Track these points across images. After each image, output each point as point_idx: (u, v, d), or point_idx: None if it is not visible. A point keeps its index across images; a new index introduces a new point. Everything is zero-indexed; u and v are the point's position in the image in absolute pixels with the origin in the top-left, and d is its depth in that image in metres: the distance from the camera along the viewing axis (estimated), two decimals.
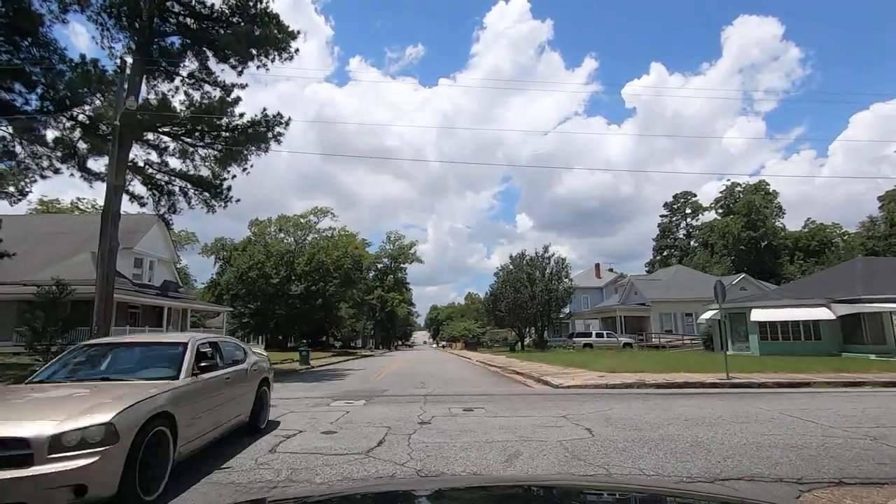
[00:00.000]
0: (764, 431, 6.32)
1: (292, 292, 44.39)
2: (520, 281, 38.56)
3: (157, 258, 31.32)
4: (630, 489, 2.06)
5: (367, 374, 18.01)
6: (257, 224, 50.00)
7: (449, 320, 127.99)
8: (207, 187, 20.79)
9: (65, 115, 18.31)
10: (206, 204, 21.33)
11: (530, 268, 39.11)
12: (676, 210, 78.34)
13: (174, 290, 33.29)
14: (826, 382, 12.59)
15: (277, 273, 44.86)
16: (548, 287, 37.31)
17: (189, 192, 21.23)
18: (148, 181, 20.57)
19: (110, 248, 16.69)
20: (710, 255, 61.85)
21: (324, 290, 45.67)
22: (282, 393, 11.47)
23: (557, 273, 38.58)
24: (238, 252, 49.83)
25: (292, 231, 49.75)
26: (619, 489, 1.99)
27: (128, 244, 28.94)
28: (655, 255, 78.32)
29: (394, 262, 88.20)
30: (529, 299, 37.36)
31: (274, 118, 18.63)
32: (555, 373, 15.42)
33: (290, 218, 49.79)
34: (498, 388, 12.28)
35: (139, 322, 28.76)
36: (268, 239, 49.12)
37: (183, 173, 20.79)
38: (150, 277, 30.65)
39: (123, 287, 27.55)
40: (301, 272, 45.78)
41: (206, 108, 17.97)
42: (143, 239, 29.59)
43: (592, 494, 1.69)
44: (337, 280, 46.82)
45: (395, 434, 6.25)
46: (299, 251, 48.30)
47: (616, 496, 1.69)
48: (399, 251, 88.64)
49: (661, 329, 37.18)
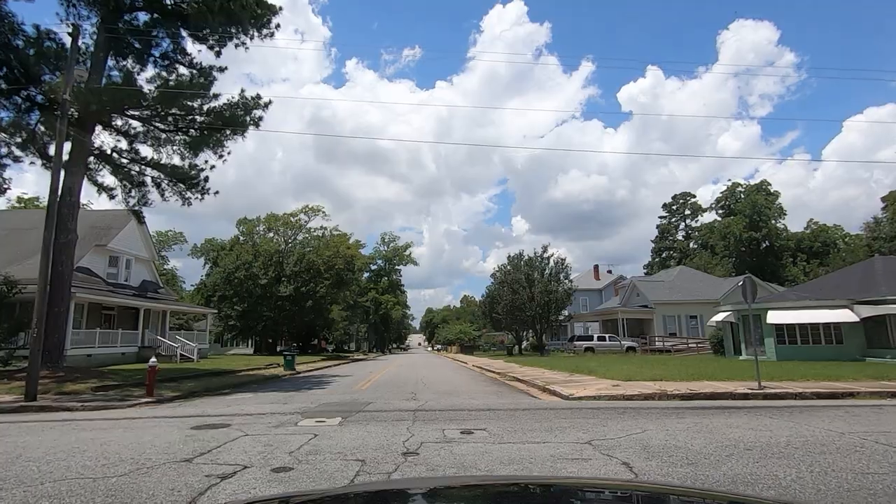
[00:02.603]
0: (860, 467, 4.75)
1: (281, 293, 42.63)
2: (518, 282, 37.00)
3: (134, 256, 29.52)
4: (630, 487, 2.04)
5: (354, 382, 16.36)
6: (245, 223, 48.25)
7: (444, 323, 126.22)
8: (182, 178, 19.11)
9: (19, 96, 16.64)
10: (181, 196, 19.66)
11: (529, 268, 37.56)
12: (675, 211, 77.13)
13: (154, 290, 31.51)
14: (871, 393, 11.08)
15: (266, 274, 43.11)
16: (547, 288, 35.77)
17: (162, 184, 19.56)
18: (117, 171, 18.87)
19: (66, 240, 14.97)
20: (711, 256, 60.54)
21: (314, 291, 43.94)
22: (248, 406, 9.82)
23: (557, 274, 37.05)
24: (225, 252, 48.02)
25: (282, 230, 48.01)
26: (621, 488, 1.90)
27: (101, 241, 27.17)
28: (654, 257, 77.03)
29: (388, 264, 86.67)
30: (528, 301, 35.81)
31: (252, 100, 17.00)
32: (562, 381, 13.83)
33: (279, 217, 48.07)
34: (500, 401, 10.68)
35: (114, 324, 26.97)
36: (256, 238, 47.37)
37: (155, 162, 19.11)
38: (126, 277, 28.85)
39: (95, 286, 25.78)
40: (290, 273, 44.04)
41: (177, 87, 16.31)
42: (119, 236, 27.80)
43: (591, 492, 1.60)
44: (328, 281, 45.11)
45: (370, 473, 4.64)
46: (289, 251, 46.56)
47: (617, 494, 1.57)
48: (394, 253, 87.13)
49: (665, 332, 35.69)
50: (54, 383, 13.05)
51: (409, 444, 5.86)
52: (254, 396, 11.97)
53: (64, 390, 12.39)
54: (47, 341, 14.49)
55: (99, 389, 12.82)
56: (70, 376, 13.93)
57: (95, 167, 19.56)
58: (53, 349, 14.47)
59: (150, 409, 9.78)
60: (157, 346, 27.83)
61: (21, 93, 16.45)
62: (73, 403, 10.53)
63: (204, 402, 11.10)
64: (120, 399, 11.33)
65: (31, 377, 10.78)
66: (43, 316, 11.01)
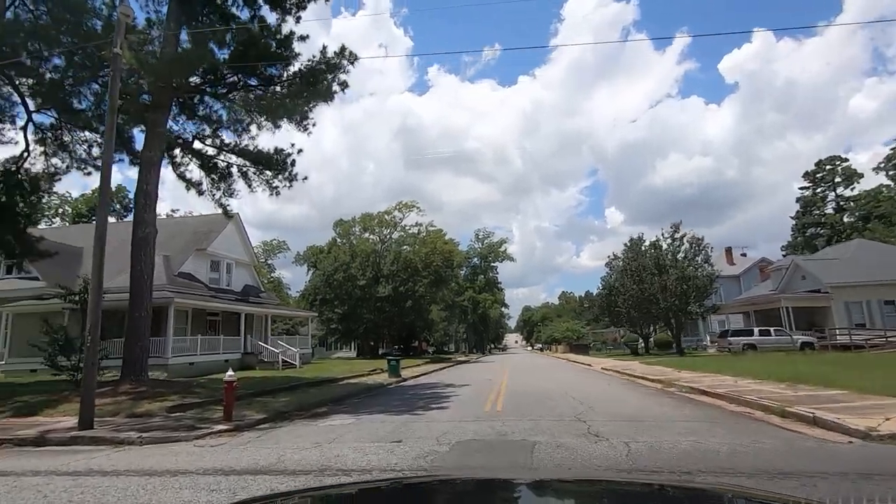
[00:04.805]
0: None
1: (380, 294, 40.75)
2: (644, 269, 31.32)
3: (234, 260, 28.78)
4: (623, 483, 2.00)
5: (477, 395, 12.75)
6: (341, 224, 47.36)
7: (544, 322, 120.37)
8: (268, 163, 16.95)
9: (97, 82, 15.34)
10: (268, 185, 17.56)
11: (657, 252, 31.69)
12: (821, 180, 64.66)
13: (255, 295, 30.73)
14: None
15: (364, 274, 41.52)
16: (684, 274, 29.73)
17: (248, 172, 17.59)
18: (200, 159, 17.18)
19: (143, 235, 13.07)
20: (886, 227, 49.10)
21: (413, 290, 41.56)
22: (345, 447, 6.50)
23: (694, 257, 30.80)
24: (323, 255, 47.50)
25: (377, 230, 46.39)
26: None
27: (201, 245, 26.55)
28: (796, 236, 65.25)
29: (484, 262, 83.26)
30: (660, 291, 30.05)
31: (335, 56, 14.12)
32: (806, 399, 8.99)
33: (374, 216, 46.51)
34: (743, 439, 6.38)
35: (218, 330, 26.17)
36: (352, 239, 46.21)
37: (239, 148, 17.14)
38: (228, 282, 28.13)
39: (197, 292, 25.07)
40: (388, 272, 42.09)
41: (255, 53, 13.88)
42: (218, 239, 27.06)
43: None
44: (426, 279, 42.54)
45: None
46: (385, 250, 44.77)
47: None
48: (489, 249, 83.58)
49: (850, 322, 27.99)
50: (130, 401, 10.98)
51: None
52: (355, 423, 8.75)
53: (137, 410, 10.18)
54: (127, 351, 12.66)
55: (175, 409, 10.48)
56: (152, 391, 11.90)
57: (181, 161, 18.18)
58: (136, 360, 12.59)
59: (210, 453, 6.83)
60: (260, 353, 26.64)
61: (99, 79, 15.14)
62: (131, 434, 8.02)
63: (289, 433, 8.07)
64: (191, 425, 8.71)
65: (84, 400, 8.50)
66: (97, 322, 8.70)
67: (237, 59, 13.81)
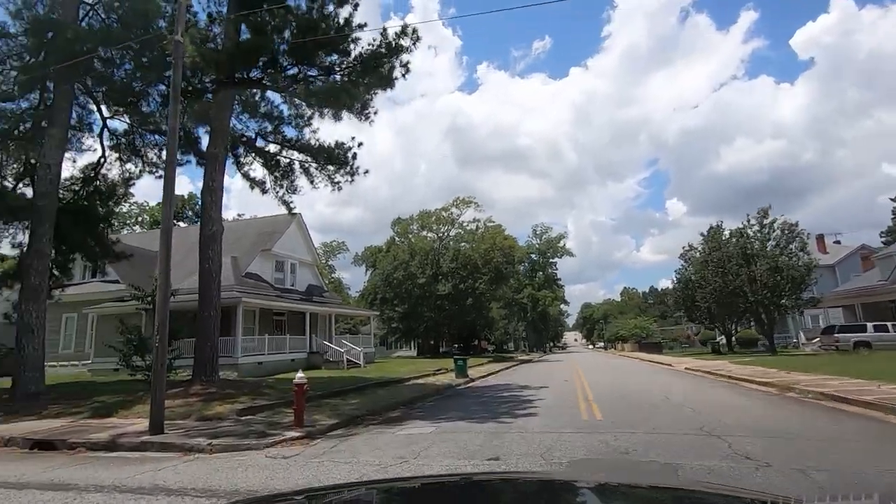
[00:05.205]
0: None
1: (440, 292, 40.04)
2: (730, 260, 28.48)
3: (298, 260, 28.95)
4: None
5: (562, 398, 11.47)
6: (399, 223, 47.15)
7: (607, 319, 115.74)
8: (329, 157, 16.49)
9: (163, 83, 15.40)
10: (330, 179, 17.11)
11: (743, 241, 28.73)
12: None
13: (319, 294, 30.84)
14: None
15: (423, 272, 40.97)
16: (776, 264, 26.71)
17: (310, 168, 17.22)
18: (263, 156, 16.99)
19: (211, 233, 12.82)
20: None
21: (473, 287, 40.53)
22: (433, 462, 5.50)
23: (787, 245, 27.62)
24: (382, 254, 47.53)
25: (434, 227, 45.74)
26: None
27: (266, 245, 26.83)
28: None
29: (542, 258, 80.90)
30: (748, 283, 27.18)
31: (396, 37, 13.27)
32: None
33: (431, 213, 45.92)
34: None
35: (284, 330, 26.33)
36: (411, 238, 45.85)
37: (300, 144, 16.82)
38: (292, 282, 28.32)
39: (264, 292, 25.31)
40: (447, 270, 41.32)
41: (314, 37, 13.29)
42: (282, 239, 27.28)
43: None
44: (486, 276, 41.38)
45: None
46: (443, 247, 44.03)
47: None
48: (547, 245, 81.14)
49: None
50: (201, 402, 10.64)
51: None
52: (436, 433, 7.78)
53: (207, 413, 9.77)
54: (198, 351, 12.44)
55: (245, 412, 9.99)
56: (221, 392, 11.57)
57: (245, 160, 18.12)
58: (206, 361, 12.35)
59: (282, 468, 6.06)
60: (325, 352, 26.55)
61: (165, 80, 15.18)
62: (200, 440, 7.47)
63: (366, 443, 7.22)
64: (261, 431, 8.09)
65: (154, 404, 8.08)
66: (165, 321, 8.27)
67: (296, 48, 13.29)
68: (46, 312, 13.32)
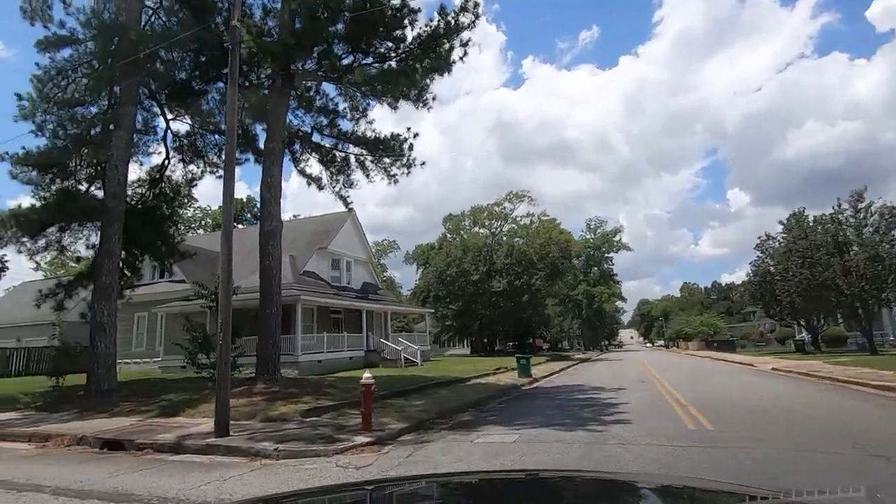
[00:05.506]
0: None
1: (494, 289, 39.03)
2: (819, 248, 25.74)
3: (353, 258, 28.87)
4: None
5: (650, 402, 10.28)
6: (451, 219, 46.53)
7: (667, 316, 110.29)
8: (385, 149, 15.97)
9: (221, 80, 15.38)
10: (386, 172, 16.63)
11: (835, 228, 25.90)
12: None
13: (374, 292, 30.69)
14: None
15: (477, 269, 40.11)
16: (876, 253, 23.84)
17: (366, 161, 16.80)
18: (319, 152, 16.72)
19: (271, 228, 12.55)
20: None
21: (529, 283, 39.24)
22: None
23: (888, 230, 24.61)
24: (434, 251, 47.07)
25: (487, 222, 44.77)
26: None
27: (322, 244, 26.87)
28: None
29: (597, 253, 77.98)
30: (841, 274, 24.43)
31: (455, 14, 12.46)
32: None
33: (483, 208, 44.96)
34: None
35: (341, 328, 26.27)
36: (463, 234, 45.10)
37: (356, 136, 16.41)
38: (348, 280, 28.24)
39: (321, 290, 25.34)
40: (501, 266, 40.23)
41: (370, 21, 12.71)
42: (337, 237, 27.22)
43: None
44: (543, 272, 39.96)
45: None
46: (496, 243, 42.96)
47: None
48: (602, 239, 78.16)
49: None
50: (265, 402, 10.30)
51: None
52: (521, 442, 6.90)
53: (272, 414, 9.37)
54: (260, 349, 12.18)
55: (310, 413, 9.52)
56: (284, 391, 11.22)
57: (301, 156, 17.94)
58: (269, 359, 12.08)
59: (354, 477, 5.39)
60: (382, 350, 26.26)
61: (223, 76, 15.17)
62: (267, 445, 6.98)
63: (444, 453, 6.46)
64: (329, 436, 7.52)
65: (220, 403, 7.70)
66: (228, 319, 7.89)
67: (351, 34, 12.81)
68: (118, 311, 13.57)
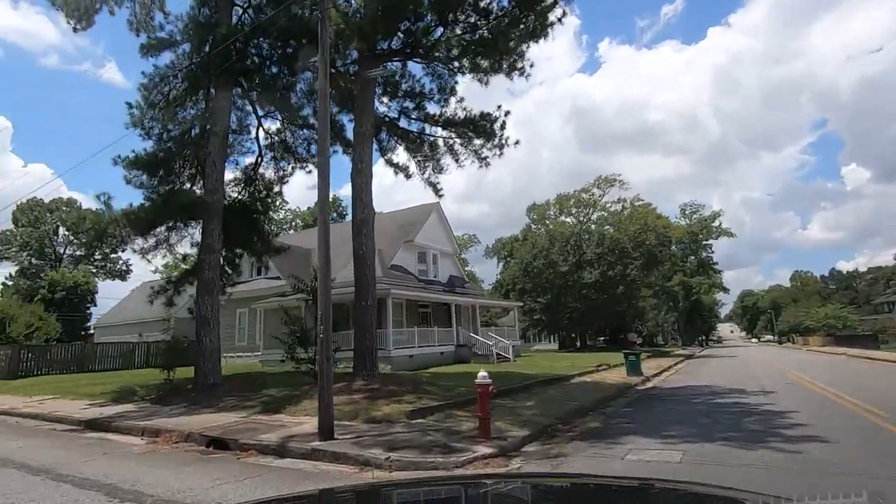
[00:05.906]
0: None
1: (585, 280, 36.72)
2: None
3: (439, 251, 28.21)
4: None
5: (829, 409, 8.24)
6: (535, 209, 44.65)
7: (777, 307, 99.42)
8: (476, 129, 14.90)
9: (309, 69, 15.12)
10: (477, 155, 15.61)
11: None
12: None
13: (461, 285, 29.88)
14: None
15: (565, 260, 37.99)
16: None
17: (454, 145, 15.86)
18: (406, 138, 16.02)
19: (363, 216, 11.94)
20: None
21: (623, 273, 36.46)
22: None
23: None
24: (519, 243, 45.46)
25: (574, 210, 42.35)
26: None
27: (408, 237, 26.46)
28: None
29: (694, 241, 71.67)
30: None
31: None
32: None
33: (570, 195, 42.57)
34: None
35: (430, 322, 25.72)
36: (548, 224, 43.05)
37: (444, 119, 15.48)
38: (435, 273, 27.64)
39: (409, 283, 24.93)
40: (592, 256, 37.78)
41: None
42: (423, 230, 26.68)
43: None
44: (638, 261, 36.97)
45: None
46: (585, 231, 40.44)
47: None
48: (700, 225, 71.62)
49: None
50: (366, 400, 9.63)
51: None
52: (686, 461, 5.46)
53: (375, 414, 8.64)
54: (357, 343, 11.61)
55: (416, 414, 8.66)
56: (384, 389, 10.53)
57: (388, 145, 17.38)
58: (366, 354, 11.49)
59: None
60: (472, 345, 25.35)
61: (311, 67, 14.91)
62: (376, 451, 6.14)
63: (586, 468, 5.20)
64: (444, 444, 6.55)
65: (322, 404, 7.02)
66: (328, 310, 7.23)
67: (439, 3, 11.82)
68: (220, 306, 13.76)
